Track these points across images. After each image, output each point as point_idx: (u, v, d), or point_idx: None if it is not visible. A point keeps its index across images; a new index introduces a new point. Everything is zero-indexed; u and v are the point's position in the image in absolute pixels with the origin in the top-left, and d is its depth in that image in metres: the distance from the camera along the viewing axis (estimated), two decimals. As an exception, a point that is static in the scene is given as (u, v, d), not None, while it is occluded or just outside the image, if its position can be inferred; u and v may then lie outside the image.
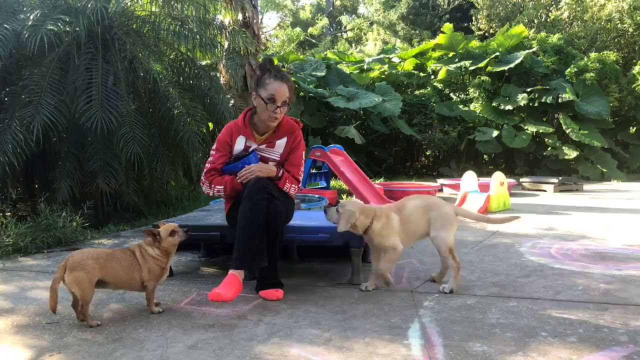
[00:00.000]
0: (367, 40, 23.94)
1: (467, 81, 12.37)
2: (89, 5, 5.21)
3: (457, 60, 12.09)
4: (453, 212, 2.86)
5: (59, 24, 5.44)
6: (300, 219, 3.30)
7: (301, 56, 13.16)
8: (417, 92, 12.67)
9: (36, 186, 5.98)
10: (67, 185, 5.11)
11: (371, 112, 11.41)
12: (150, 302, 2.52)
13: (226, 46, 7.46)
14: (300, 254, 3.71)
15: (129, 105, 5.39)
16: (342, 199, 7.40)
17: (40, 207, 4.52)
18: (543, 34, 12.97)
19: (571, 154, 10.68)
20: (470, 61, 11.78)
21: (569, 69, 11.28)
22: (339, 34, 27.92)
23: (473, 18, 17.90)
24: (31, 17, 5.22)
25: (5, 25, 5.01)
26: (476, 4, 17.76)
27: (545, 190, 8.82)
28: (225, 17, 8.48)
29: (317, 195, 5.95)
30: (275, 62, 11.27)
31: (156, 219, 5.25)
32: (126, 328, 2.33)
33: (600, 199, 7.61)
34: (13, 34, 5.02)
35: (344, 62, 13.74)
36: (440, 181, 8.84)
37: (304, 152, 3.05)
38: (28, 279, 3.30)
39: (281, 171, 2.88)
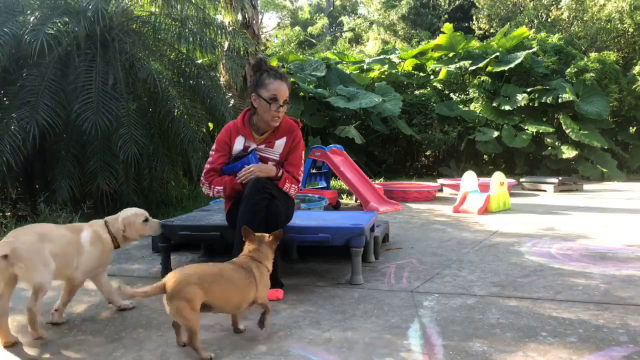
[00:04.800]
0: (367, 40, 23.92)
1: (467, 81, 12.37)
2: (90, 7, 5.20)
3: (457, 60, 12.08)
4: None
5: (59, 25, 5.42)
6: (300, 219, 3.30)
7: (301, 56, 13.15)
8: (417, 92, 12.66)
9: (36, 186, 5.97)
10: (67, 185, 5.10)
11: (371, 112, 11.40)
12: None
13: (226, 46, 7.46)
14: (300, 254, 3.72)
15: (128, 105, 5.39)
16: (342, 198, 7.40)
17: (40, 207, 4.52)
18: (543, 34, 12.97)
19: (571, 153, 10.69)
20: (470, 61, 11.77)
21: (569, 69, 11.28)
22: (339, 34, 27.90)
23: (474, 18, 17.91)
24: (31, 20, 5.21)
25: (4, 29, 5.00)
26: (477, 4, 17.77)
27: (545, 190, 8.82)
28: (225, 18, 8.48)
29: (317, 195, 5.96)
30: (275, 62, 11.17)
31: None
32: (126, 328, 2.33)
33: (600, 199, 7.61)
34: (12, 37, 5.01)
35: (344, 62, 13.73)
36: (440, 181, 8.84)
37: (303, 152, 3.05)
38: (28, 279, 3.29)
39: (281, 171, 2.88)
